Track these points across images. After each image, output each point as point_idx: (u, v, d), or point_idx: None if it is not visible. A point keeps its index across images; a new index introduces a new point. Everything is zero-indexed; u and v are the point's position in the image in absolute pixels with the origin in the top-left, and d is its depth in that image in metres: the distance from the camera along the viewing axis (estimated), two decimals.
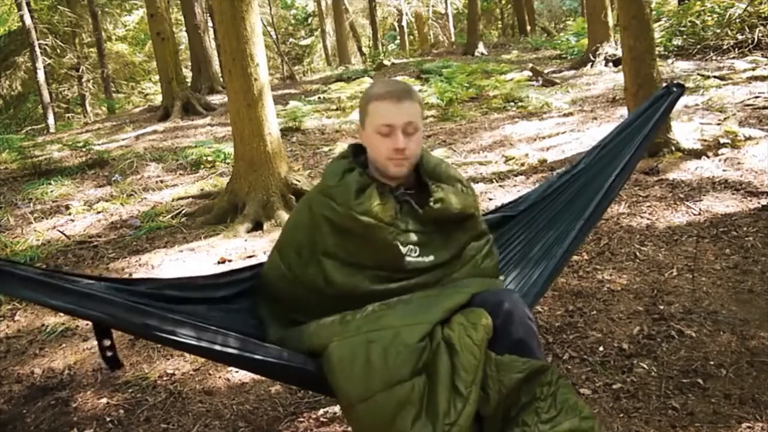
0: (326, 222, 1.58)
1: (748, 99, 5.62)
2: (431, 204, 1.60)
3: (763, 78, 6.30)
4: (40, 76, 13.19)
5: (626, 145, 2.03)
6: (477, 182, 4.60)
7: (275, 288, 1.70)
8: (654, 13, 8.08)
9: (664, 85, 2.17)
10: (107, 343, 1.44)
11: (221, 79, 11.04)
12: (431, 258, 1.61)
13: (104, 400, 2.34)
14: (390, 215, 1.56)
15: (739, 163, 4.13)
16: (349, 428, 2.03)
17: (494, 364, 1.42)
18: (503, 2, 22.17)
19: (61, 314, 3.17)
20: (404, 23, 19.89)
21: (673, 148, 4.40)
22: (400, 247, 1.57)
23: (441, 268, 1.63)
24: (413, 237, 1.59)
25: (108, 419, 2.21)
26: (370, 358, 1.39)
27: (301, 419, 2.10)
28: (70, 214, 5.06)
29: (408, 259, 1.58)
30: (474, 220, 1.70)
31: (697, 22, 8.64)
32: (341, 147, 5.75)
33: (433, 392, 1.38)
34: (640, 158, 2.04)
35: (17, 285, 1.29)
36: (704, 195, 3.70)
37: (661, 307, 2.57)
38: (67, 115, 16.43)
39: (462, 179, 1.71)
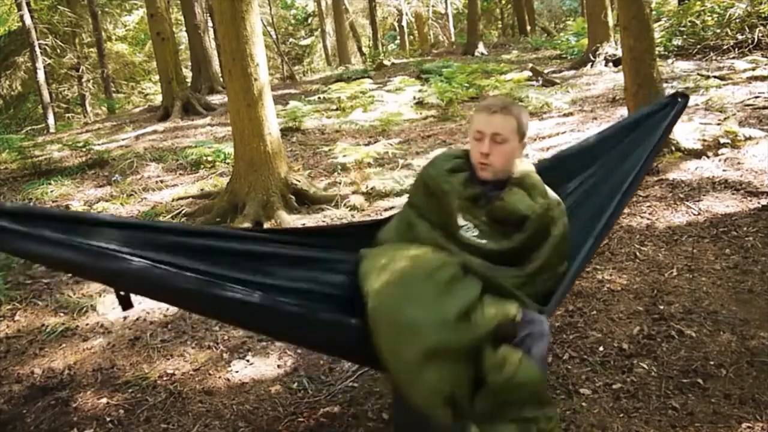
0: (422, 182, 1.91)
1: (748, 99, 5.61)
2: (495, 201, 1.80)
3: (763, 78, 6.30)
4: (40, 76, 13.19)
5: (626, 158, 2.02)
6: None
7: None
8: (654, 13, 8.08)
9: (669, 93, 2.15)
10: None
11: (221, 79, 11.04)
12: (484, 242, 1.77)
13: (104, 400, 2.34)
14: (466, 195, 1.81)
15: (739, 163, 4.13)
16: (350, 429, 2.03)
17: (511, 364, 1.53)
18: (503, 2, 22.17)
19: (61, 314, 3.18)
20: (404, 23, 19.88)
21: (673, 148, 4.40)
22: (459, 218, 1.79)
23: (493, 256, 1.76)
24: (475, 221, 1.80)
25: (108, 419, 2.21)
26: (400, 270, 1.63)
27: (301, 419, 2.10)
28: None
29: (462, 232, 1.77)
30: (532, 221, 1.79)
31: (697, 22, 8.63)
32: (341, 147, 5.74)
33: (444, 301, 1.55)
34: (646, 172, 2.03)
35: (33, 242, 1.40)
36: (704, 195, 3.70)
37: (661, 307, 2.57)
38: (67, 115, 16.42)
39: (543, 191, 1.85)
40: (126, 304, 1.59)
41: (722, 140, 4.43)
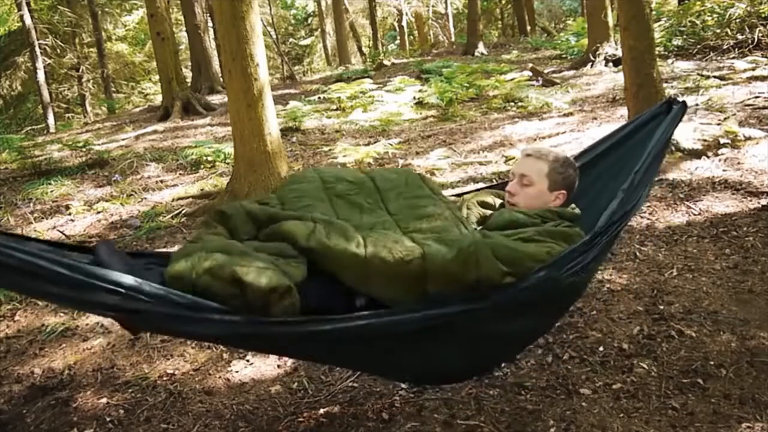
0: None
1: (748, 99, 5.61)
2: None
3: (763, 78, 6.30)
4: (40, 76, 13.19)
5: (619, 173, 1.96)
6: (477, 182, 4.59)
7: None
8: (654, 13, 8.08)
9: (663, 100, 2.12)
10: None
11: (221, 79, 11.04)
12: None
13: (104, 400, 2.34)
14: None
15: (739, 163, 4.13)
16: (350, 429, 2.03)
17: None
18: (503, 2, 22.16)
19: (61, 314, 3.17)
20: (404, 23, 19.87)
21: (673, 148, 4.40)
22: None
23: None
24: None
25: (108, 419, 2.21)
26: None
27: (301, 419, 2.10)
28: (70, 214, 5.06)
29: None
30: None
31: (697, 22, 8.63)
32: (341, 147, 5.74)
33: None
34: (648, 184, 1.94)
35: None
36: (704, 195, 3.70)
37: (661, 307, 2.57)
38: (67, 115, 16.43)
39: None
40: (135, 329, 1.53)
41: (722, 140, 4.42)
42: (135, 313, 1.34)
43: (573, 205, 1.89)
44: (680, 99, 2.12)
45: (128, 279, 1.34)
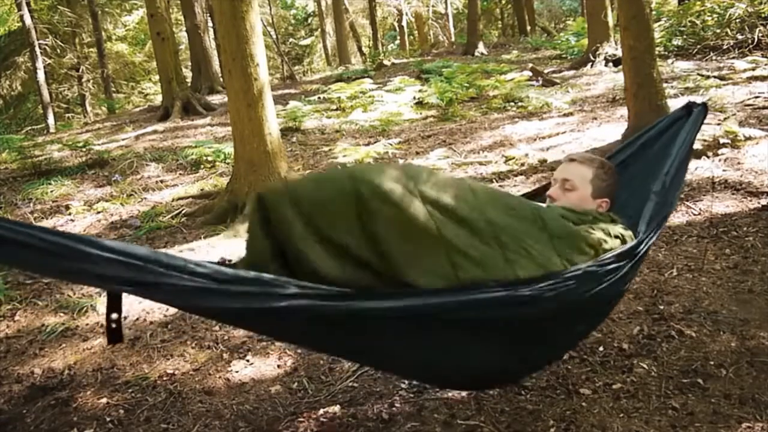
0: None
1: (748, 99, 5.61)
2: None
3: (763, 78, 6.30)
4: (40, 76, 13.19)
5: (649, 174, 1.92)
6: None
7: None
8: (654, 13, 8.08)
9: (683, 104, 2.11)
10: (115, 316, 1.38)
11: (221, 79, 11.04)
12: None
13: (104, 400, 2.34)
14: None
15: (739, 163, 4.13)
16: (350, 429, 2.03)
17: None
18: (503, 2, 22.17)
19: (61, 314, 3.18)
20: (404, 23, 19.87)
21: None
22: None
23: None
24: None
25: (108, 419, 2.21)
26: None
27: (301, 419, 2.10)
28: (70, 214, 5.07)
29: None
30: None
31: (697, 22, 8.64)
32: (341, 147, 5.75)
33: None
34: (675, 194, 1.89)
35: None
36: (704, 195, 3.70)
37: (661, 307, 2.57)
38: (67, 115, 16.43)
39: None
40: (115, 338, 1.40)
41: (722, 140, 4.42)
42: (154, 286, 1.24)
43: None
44: (699, 102, 2.08)
45: (143, 250, 1.25)
